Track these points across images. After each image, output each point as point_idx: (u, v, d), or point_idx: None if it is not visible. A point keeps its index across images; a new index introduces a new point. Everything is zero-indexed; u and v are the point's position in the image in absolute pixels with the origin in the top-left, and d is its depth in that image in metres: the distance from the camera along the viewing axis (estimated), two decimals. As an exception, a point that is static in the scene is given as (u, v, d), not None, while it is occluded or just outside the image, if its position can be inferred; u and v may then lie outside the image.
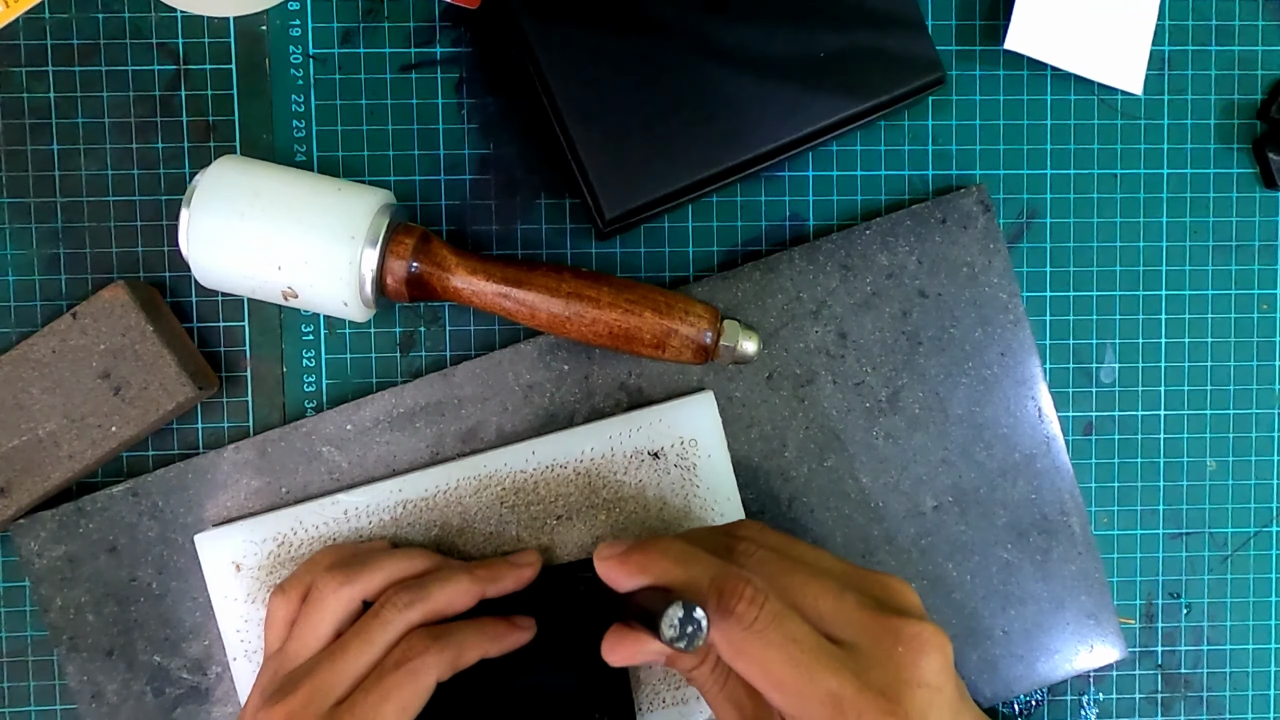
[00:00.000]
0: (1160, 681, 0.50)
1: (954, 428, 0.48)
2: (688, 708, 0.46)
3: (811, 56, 0.44)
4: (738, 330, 0.43)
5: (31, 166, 0.47)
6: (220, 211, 0.41)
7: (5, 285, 0.47)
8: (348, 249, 0.41)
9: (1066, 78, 0.49)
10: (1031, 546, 0.48)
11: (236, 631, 0.46)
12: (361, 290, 0.41)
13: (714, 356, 0.43)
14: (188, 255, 0.42)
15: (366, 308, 0.42)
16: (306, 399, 0.48)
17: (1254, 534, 0.50)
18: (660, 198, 0.44)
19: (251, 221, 0.41)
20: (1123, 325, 0.49)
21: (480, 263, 0.42)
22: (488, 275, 0.42)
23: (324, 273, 0.41)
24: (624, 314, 0.42)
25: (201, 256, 0.41)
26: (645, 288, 0.43)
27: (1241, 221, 0.49)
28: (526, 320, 0.43)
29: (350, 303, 0.42)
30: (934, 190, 0.49)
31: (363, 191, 0.42)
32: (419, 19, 0.47)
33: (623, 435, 0.46)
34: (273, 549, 0.45)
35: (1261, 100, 0.49)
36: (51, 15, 0.46)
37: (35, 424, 0.44)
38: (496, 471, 0.46)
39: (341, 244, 0.41)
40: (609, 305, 0.42)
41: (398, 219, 0.43)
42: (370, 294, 0.42)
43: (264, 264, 0.41)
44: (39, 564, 0.46)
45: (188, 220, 0.41)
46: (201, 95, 0.47)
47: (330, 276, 0.41)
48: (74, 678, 0.46)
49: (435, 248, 0.42)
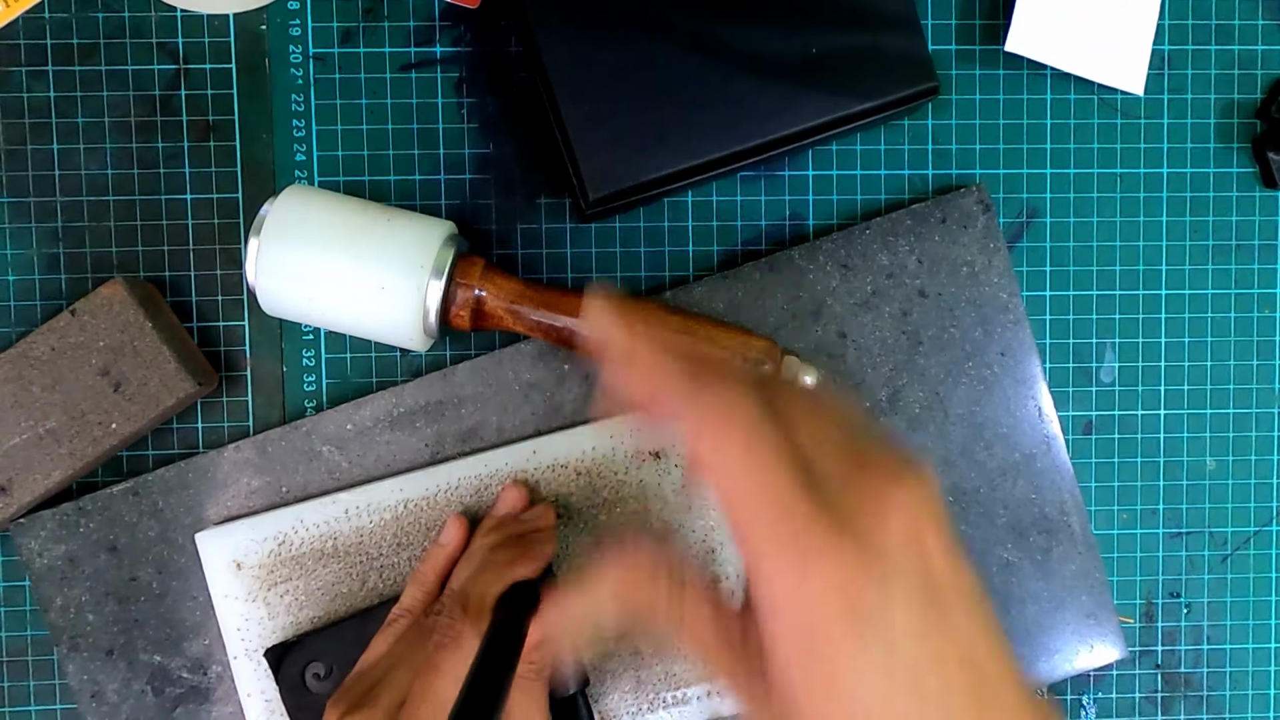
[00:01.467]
0: (1160, 681, 0.50)
1: (954, 427, 0.48)
2: (688, 708, 0.46)
3: (806, 55, 0.44)
4: (796, 364, 0.43)
5: (31, 166, 0.47)
6: (291, 241, 0.41)
7: (5, 285, 0.47)
8: (416, 279, 0.41)
9: (1066, 77, 0.49)
10: (1031, 546, 0.48)
11: (237, 630, 0.46)
12: (426, 320, 0.42)
13: None
14: (254, 284, 0.42)
15: (428, 337, 0.43)
16: (306, 398, 0.48)
17: (1254, 534, 0.50)
18: (646, 183, 0.44)
19: (321, 252, 0.41)
20: (1123, 325, 0.49)
21: (540, 293, 0.43)
22: (549, 306, 0.43)
23: (391, 303, 0.41)
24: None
25: (269, 285, 0.42)
26: (707, 322, 0.43)
27: (1241, 221, 0.49)
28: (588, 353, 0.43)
29: (414, 332, 0.42)
30: (934, 190, 0.49)
31: (428, 223, 0.43)
32: (419, 18, 0.47)
33: (624, 435, 0.46)
34: (273, 548, 0.45)
35: (1261, 100, 0.49)
36: (51, 15, 0.46)
37: (35, 421, 0.44)
38: (497, 471, 0.46)
39: (410, 275, 0.41)
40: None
41: (461, 249, 0.43)
42: (434, 324, 0.42)
43: (331, 293, 0.41)
44: (39, 563, 0.46)
45: (257, 249, 0.41)
46: (201, 95, 0.47)
47: (397, 306, 0.41)
48: (74, 677, 0.46)
49: (498, 278, 0.43)
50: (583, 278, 0.48)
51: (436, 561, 0.44)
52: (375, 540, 0.46)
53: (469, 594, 0.40)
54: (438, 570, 0.44)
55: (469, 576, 0.41)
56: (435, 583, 0.43)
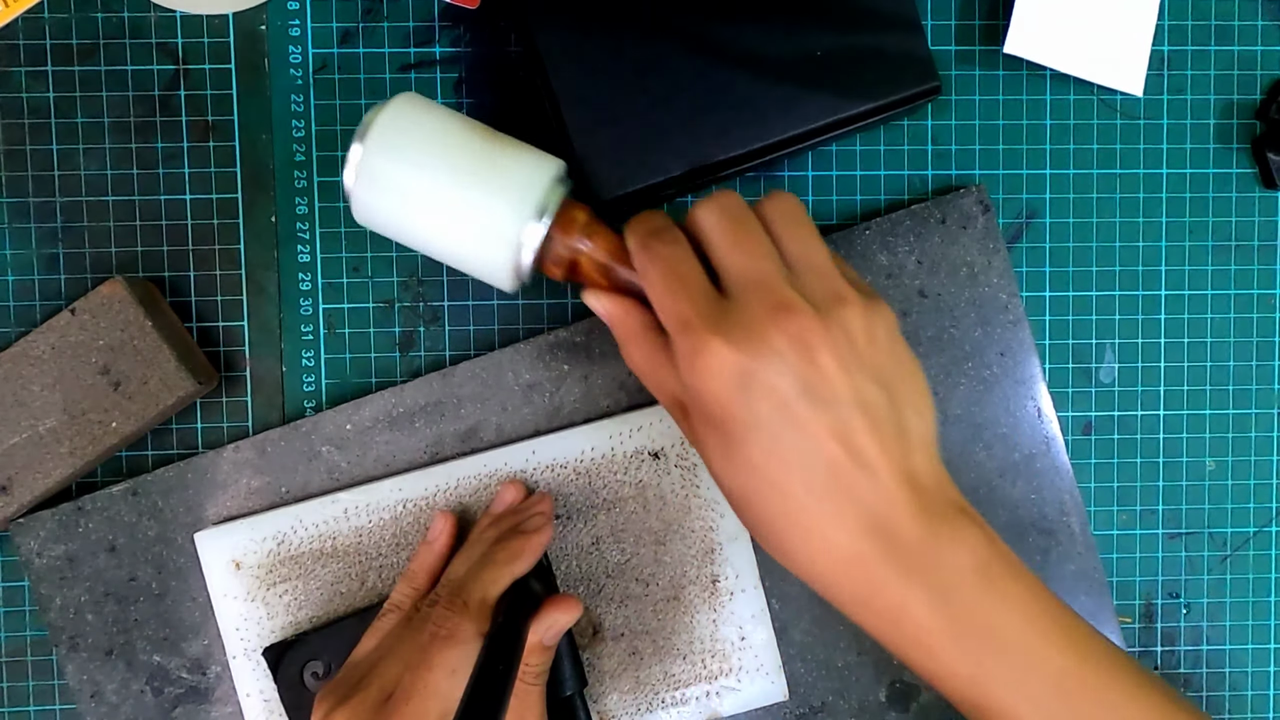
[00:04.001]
0: (1160, 682, 0.50)
1: (953, 428, 0.48)
2: (688, 708, 0.46)
3: (808, 56, 0.44)
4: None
5: (31, 166, 0.47)
6: (397, 153, 0.39)
7: (4, 285, 0.47)
8: (517, 215, 0.39)
9: (1066, 78, 0.49)
10: (1031, 546, 0.48)
11: (236, 630, 0.46)
12: (520, 263, 0.39)
13: None
14: (350, 190, 0.39)
15: (518, 279, 0.40)
16: (306, 399, 0.48)
17: (1254, 534, 0.50)
18: (650, 187, 0.44)
19: (426, 170, 0.39)
20: (1122, 325, 0.49)
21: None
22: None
23: (488, 235, 0.39)
24: None
25: (366, 195, 0.39)
26: None
27: (1241, 221, 0.49)
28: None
29: (506, 272, 0.40)
30: (934, 190, 0.49)
31: (540, 158, 0.40)
32: (418, 19, 0.47)
33: (623, 435, 0.46)
34: (272, 547, 0.46)
35: (1261, 100, 0.49)
36: (51, 15, 0.46)
37: (35, 420, 0.44)
38: (497, 471, 0.46)
39: (512, 210, 0.39)
40: None
41: (567, 192, 0.41)
42: (528, 269, 0.39)
43: (428, 214, 0.39)
44: (39, 563, 0.46)
45: (360, 155, 0.39)
46: (201, 95, 0.47)
47: (495, 239, 0.39)
48: (74, 677, 0.46)
49: (601, 231, 0.40)
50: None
51: (426, 559, 0.44)
52: (374, 540, 0.46)
53: (467, 588, 0.40)
54: (428, 568, 0.44)
55: (467, 571, 0.41)
56: (426, 580, 0.43)
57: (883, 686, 0.47)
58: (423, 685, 0.37)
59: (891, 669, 0.47)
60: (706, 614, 0.46)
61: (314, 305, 0.48)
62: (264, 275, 0.47)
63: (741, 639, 0.46)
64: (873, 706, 0.47)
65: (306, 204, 0.47)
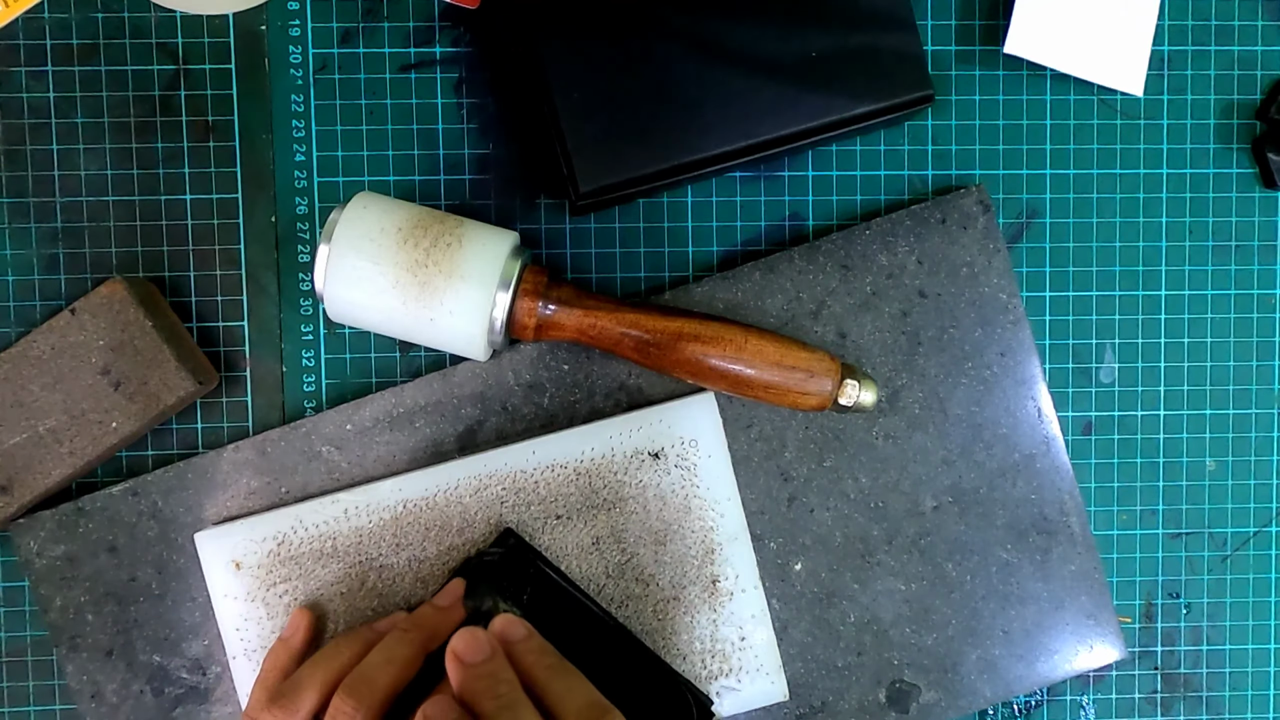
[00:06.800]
0: (1160, 681, 0.50)
1: (953, 428, 0.48)
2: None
3: (802, 57, 0.44)
4: (854, 388, 0.43)
5: (31, 166, 0.47)
6: (360, 250, 0.41)
7: (4, 285, 0.47)
8: (483, 292, 0.41)
9: (1066, 78, 0.49)
10: (1031, 546, 0.48)
11: (236, 630, 0.46)
12: (492, 331, 0.42)
13: (831, 406, 0.43)
14: (321, 291, 0.42)
15: (492, 347, 0.43)
16: (306, 399, 0.48)
17: (1254, 534, 0.50)
18: (636, 178, 0.44)
19: (389, 264, 0.41)
20: (1122, 325, 0.49)
21: (604, 304, 0.43)
22: (615, 319, 0.43)
23: (458, 314, 0.41)
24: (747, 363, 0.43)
25: (337, 293, 0.42)
26: (767, 336, 0.43)
27: (1241, 221, 0.49)
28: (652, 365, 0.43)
29: (479, 343, 0.42)
30: (934, 190, 0.49)
31: (495, 234, 0.43)
32: (418, 19, 0.47)
33: (623, 435, 0.46)
34: (273, 547, 0.45)
35: (1261, 100, 0.49)
36: (51, 15, 0.46)
37: (36, 420, 0.44)
38: (496, 471, 0.46)
39: (478, 287, 0.41)
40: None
41: (526, 261, 0.43)
42: (500, 336, 0.42)
43: (399, 303, 0.41)
44: (39, 563, 0.46)
45: (326, 257, 0.41)
46: (201, 95, 0.47)
47: (465, 317, 0.41)
48: (74, 677, 0.46)
49: (562, 289, 0.43)
50: (583, 278, 0.48)
51: (279, 658, 0.43)
52: (374, 541, 0.46)
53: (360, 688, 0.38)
54: (280, 668, 0.42)
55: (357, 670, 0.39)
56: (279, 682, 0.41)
57: (883, 686, 0.47)
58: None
59: (892, 669, 0.47)
60: (707, 614, 0.46)
61: (314, 305, 0.48)
62: (264, 275, 0.47)
63: (742, 639, 0.46)
64: (873, 706, 0.47)
65: (306, 204, 0.47)
